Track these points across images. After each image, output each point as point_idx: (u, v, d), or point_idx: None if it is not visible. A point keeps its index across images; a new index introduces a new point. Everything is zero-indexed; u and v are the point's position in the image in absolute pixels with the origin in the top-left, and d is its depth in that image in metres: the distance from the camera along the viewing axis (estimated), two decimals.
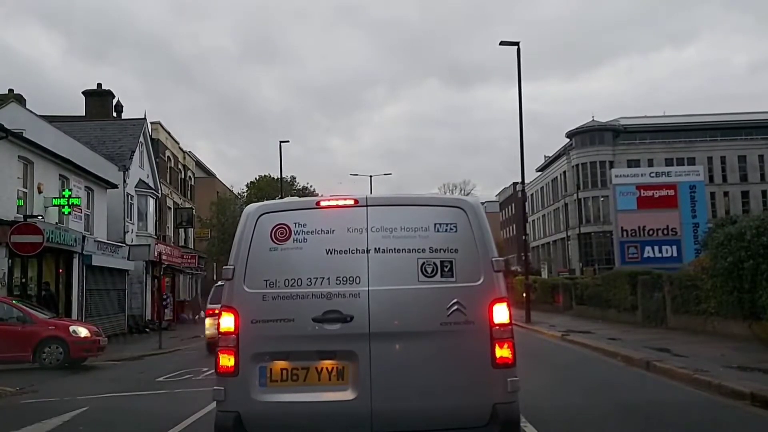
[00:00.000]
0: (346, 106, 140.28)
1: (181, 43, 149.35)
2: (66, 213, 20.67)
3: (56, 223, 20.02)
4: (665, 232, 26.65)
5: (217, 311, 7.65)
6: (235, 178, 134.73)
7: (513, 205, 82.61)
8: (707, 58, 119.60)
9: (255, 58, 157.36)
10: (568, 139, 67.67)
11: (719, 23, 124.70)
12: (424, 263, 4.17)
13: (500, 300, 4.17)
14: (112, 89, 33.38)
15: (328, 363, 4.11)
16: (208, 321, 15.37)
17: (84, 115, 32.26)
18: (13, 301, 14.88)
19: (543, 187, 76.29)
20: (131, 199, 28.53)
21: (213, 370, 4.32)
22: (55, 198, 20.15)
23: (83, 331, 14.33)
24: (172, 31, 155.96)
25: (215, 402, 4.24)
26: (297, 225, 4.27)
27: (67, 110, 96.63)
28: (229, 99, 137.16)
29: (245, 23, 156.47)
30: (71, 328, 14.18)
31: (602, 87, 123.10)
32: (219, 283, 15.73)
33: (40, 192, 19.63)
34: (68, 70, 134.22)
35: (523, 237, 29.31)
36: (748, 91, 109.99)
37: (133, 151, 28.60)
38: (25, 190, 19.12)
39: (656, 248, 26.48)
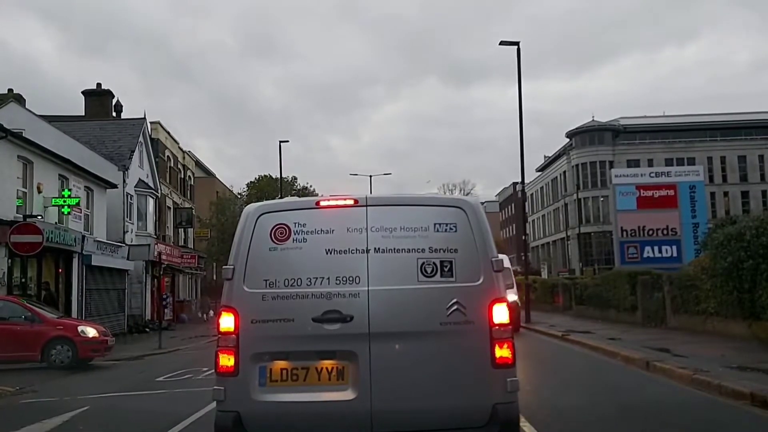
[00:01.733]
0: (345, 105, 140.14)
1: (180, 40, 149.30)
2: (65, 213, 20.66)
3: (56, 222, 20.00)
4: (665, 232, 26.65)
5: None
6: (235, 176, 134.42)
7: (513, 205, 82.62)
8: (710, 56, 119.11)
9: (254, 57, 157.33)
10: (568, 139, 67.69)
11: (723, 21, 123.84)
12: (423, 263, 4.17)
13: (500, 300, 4.18)
14: (110, 86, 33.67)
15: (327, 363, 4.11)
16: None
17: (83, 114, 32.23)
18: (22, 301, 14.89)
19: (543, 186, 76.31)
20: (131, 199, 28.50)
21: (213, 370, 4.32)
22: (54, 198, 20.14)
23: (91, 331, 14.31)
24: (170, 29, 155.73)
25: (215, 402, 4.25)
26: (297, 225, 4.27)
27: (63, 105, 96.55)
28: (228, 97, 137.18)
29: (243, 21, 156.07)
30: (79, 329, 14.15)
31: (604, 86, 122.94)
32: None
33: (39, 192, 19.61)
34: (65, 66, 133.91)
35: (523, 237, 29.33)
36: (751, 89, 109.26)
37: (133, 151, 28.58)
38: (24, 189, 19.11)
39: (656, 248, 26.47)
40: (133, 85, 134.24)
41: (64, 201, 20.31)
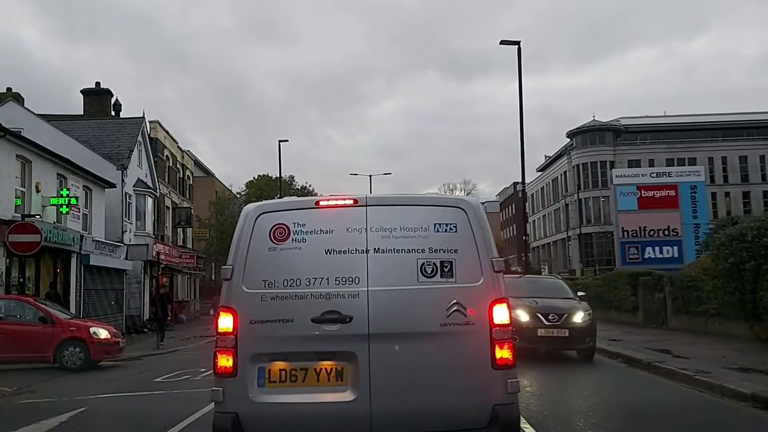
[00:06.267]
0: (343, 99, 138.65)
1: (174, 27, 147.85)
2: (64, 212, 20.56)
3: (54, 222, 19.93)
4: (666, 232, 26.65)
5: None
6: (232, 172, 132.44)
7: (513, 205, 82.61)
8: (719, 50, 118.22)
9: (250, 46, 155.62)
10: (569, 139, 67.67)
11: (730, 14, 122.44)
12: (423, 263, 4.14)
13: (500, 301, 4.15)
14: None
15: (327, 364, 4.08)
16: None
17: (82, 113, 32.21)
18: (37, 301, 14.81)
19: (543, 187, 76.27)
20: (129, 199, 28.40)
21: (211, 371, 4.29)
22: (53, 197, 20.06)
23: (103, 333, 14.21)
24: (163, 13, 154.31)
25: (213, 403, 4.22)
26: (296, 225, 4.24)
27: (55, 95, 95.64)
28: (225, 90, 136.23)
29: (240, 7, 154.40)
30: (92, 330, 14.01)
31: (609, 80, 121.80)
32: None
33: (38, 191, 19.53)
34: (53, 54, 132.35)
35: (524, 237, 29.27)
36: (761, 84, 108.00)
37: (132, 150, 28.48)
38: (22, 189, 19.03)
39: (657, 249, 26.48)
40: (128, 75, 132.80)
41: (63, 200, 20.23)
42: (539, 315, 11.59)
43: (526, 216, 33.95)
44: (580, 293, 13.60)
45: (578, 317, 11.76)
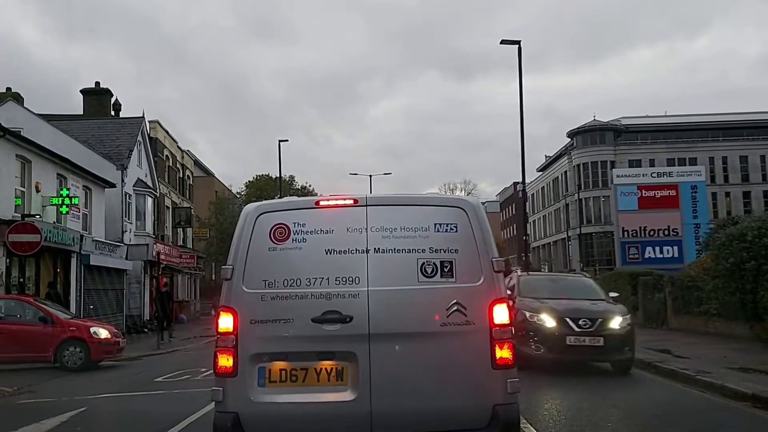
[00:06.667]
0: (343, 99, 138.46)
1: (174, 26, 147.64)
2: (64, 212, 20.55)
3: (54, 222, 19.92)
4: (666, 232, 26.65)
5: None
6: (232, 172, 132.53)
7: (513, 205, 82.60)
8: (718, 51, 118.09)
9: (250, 45, 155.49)
10: (569, 139, 67.65)
11: (731, 14, 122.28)
12: (424, 263, 4.14)
13: (500, 300, 4.15)
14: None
15: (327, 364, 4.08)
16: None
17: (82, 113, 32.21)
18: (35, 301, 14.80)
19: (544, 186, 76.27)
20: (129, 199, 28.38)
21: (211, 371, 4.29)
22: (53, 197, 20.06)
23: (103, 333, 14.18)
24: (166, 19, 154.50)
25: (213, 403, 4.22)
26: (296, 225, 4.23)
27: (54, 95, 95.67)
28: (224, 90, 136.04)
29: (239, 7, 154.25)
30: (92, 330, 13.97)
31: (610, 79, 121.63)
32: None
33: (37, 191, 19.53)
34: (53, 53, 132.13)
35: (524, 237, 29.23)
36: (759, 85, 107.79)
37: (131, 150, 28.45)
38: (22, 189, 19.02)
39: (657, 249, 26.50)
40: (128, 75, 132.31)
41: (63, 200, 20.23)
42: (568, 320, 9.91)
43: (526, 216, 33.99)
44: (612, 294, 11.69)
45: (615, 323, 10.04)
